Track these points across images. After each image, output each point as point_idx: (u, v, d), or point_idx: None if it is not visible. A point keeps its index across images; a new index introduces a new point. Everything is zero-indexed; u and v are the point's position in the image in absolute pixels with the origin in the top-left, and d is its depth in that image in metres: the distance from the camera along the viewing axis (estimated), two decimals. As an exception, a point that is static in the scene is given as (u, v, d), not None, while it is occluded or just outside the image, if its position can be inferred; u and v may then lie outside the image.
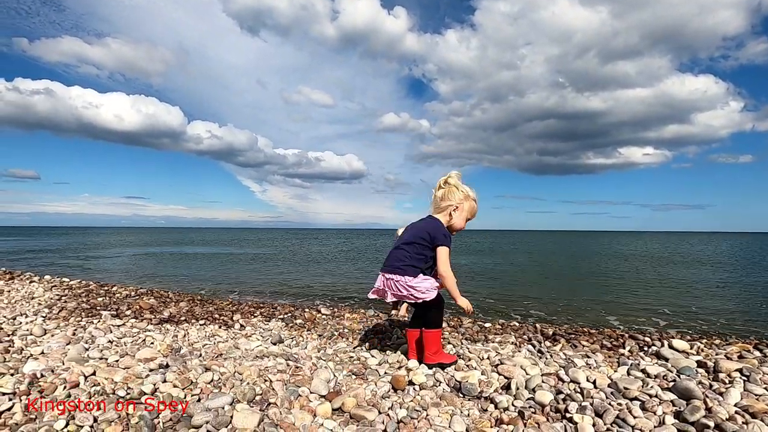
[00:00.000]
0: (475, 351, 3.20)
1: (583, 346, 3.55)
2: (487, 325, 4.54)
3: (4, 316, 4.26)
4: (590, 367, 2.73)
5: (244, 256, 18.61)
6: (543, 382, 2.40)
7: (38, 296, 5.69)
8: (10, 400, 2.11)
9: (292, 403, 2.16)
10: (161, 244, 30.84)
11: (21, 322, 4.03)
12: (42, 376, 2.48)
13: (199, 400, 2.15)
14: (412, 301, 2.73)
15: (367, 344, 3.45)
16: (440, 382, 2.53)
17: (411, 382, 2.49)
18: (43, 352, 3.02)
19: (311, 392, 2.32)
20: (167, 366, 2.70)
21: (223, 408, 2.03)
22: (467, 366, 2.80)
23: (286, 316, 4.83)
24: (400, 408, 2.14)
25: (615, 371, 2.63)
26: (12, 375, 2.47)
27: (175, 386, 2.31)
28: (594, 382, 2.37)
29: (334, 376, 2.64)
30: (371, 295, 2.91)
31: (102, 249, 22.88)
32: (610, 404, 2.05)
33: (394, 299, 2.80)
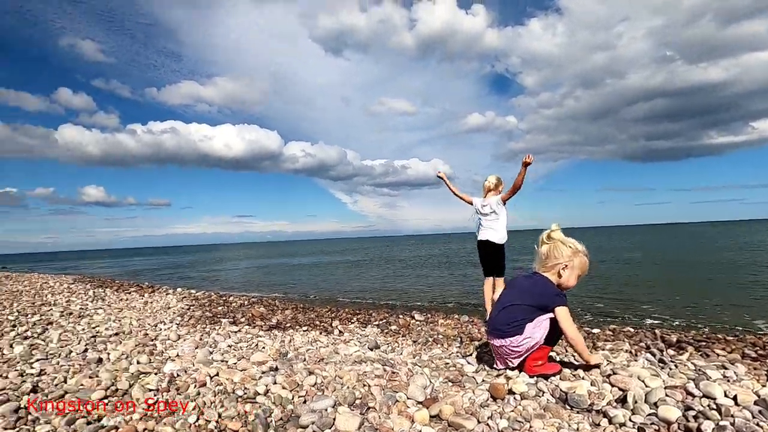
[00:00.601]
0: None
1: (718, 355, 3.05)
2: (595, 331, 4.15)
3: (149, 323, 5.02)
4: (729, 381, 2.33)
5: (340, 265, 19.58)
6: (667, 395, 2.10)
7: (173, 306, 6.61)
8: (155, 395, 2.48)
9: (390, 408, 2.20)
10: (268, 256, 33.83)
11: (161, 329, 4.71)
12: (178, 375, 2.87)
13: (304, 402, 2.30)
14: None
15: (462, 351, 3.38)
16: (543, 392, 2.36)
17: (511, 391, 2.37)
18: (178, 355, 3.50)
19: (408, 398, 2.34)
20: (276, 369, 2.94)
21: (326, 410, 2.15)
22: (573, 376, 2.58)
23: (381, 322, 4.96)
24: (501, 418, 2.05)
25: (763, 386, 2.21)
26: (156, 374, 2.90)
27: (283, 388, 2.51)
28: (735, 398, 2.01)
29: (431, 382, 2.63)
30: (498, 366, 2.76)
31: (220, 264, 25.84)
32: (758, 425, 1.73)
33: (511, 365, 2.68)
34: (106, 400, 2.47)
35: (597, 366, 2.57)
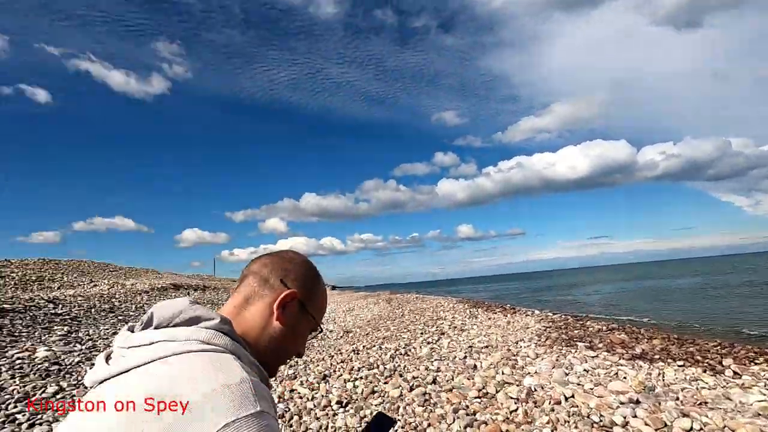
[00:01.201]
0: None
1: None
2: None
3: (511, 340, 5.60)
4: None
5: (734, 288, 14.79)
6: None
7: (531, 327, 7.05)
8: (515, 404, 2.78)
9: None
10: (630, 279, 29.96)
11: (521, 346, 5.16)
12: (535, 390, 3.09)
13: (675, 446, 1.97)
14: None
15: None
16: None
17: None
18: (536, 372, 3.74)
19: None
20: (638, 402, 2.64)
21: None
22: None
23: (812, 368, 3.45)
24: None
25: None
26: (516, 385, 3.24)
27: (646, 424, 2.24)
28: None
29: None
30: None
31: (575, 287, 25.13)
32: None
33: None
34: (477, 400, 3.00)
35: None
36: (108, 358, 0.53)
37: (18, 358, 3.56)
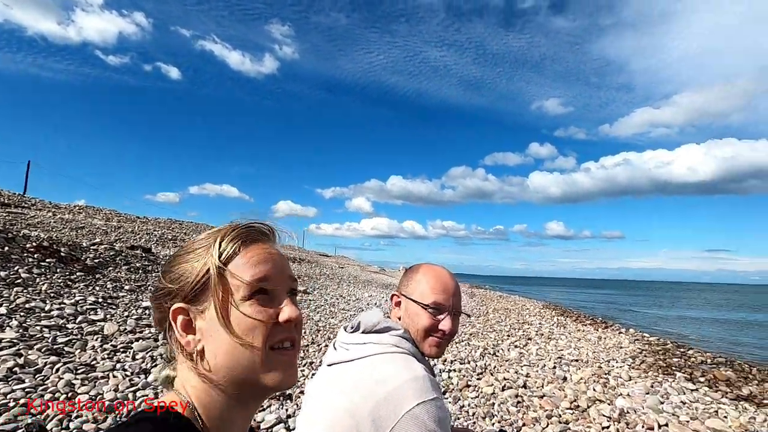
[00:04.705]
0: None
1: None
2: None
3: (602, 358, 5.64)
4: None
5: None
6: None
7: (625, 347, 6.90)
8: (608, 421, 3.04)
9: None
10: (752, 306, 26.16)
11: (613, 366, 5.20)
12: (628, 412, 3.29)
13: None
14: None
15: None
16: None
17: None
18: (628, 394, 3.88)
19: None
20: (736, 443, 2.74)
21: None
22: None
23: None
24: None
25: None
26: (608, 404, 3.47)
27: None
28: None
29: None
30: None
31: (683, 308, 22.74)
32: None
33: None
34: (569, 410, 3.30)
35: None
36: (335, 348, 0.92)
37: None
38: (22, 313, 3.22)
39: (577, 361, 5.32)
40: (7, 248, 4.45)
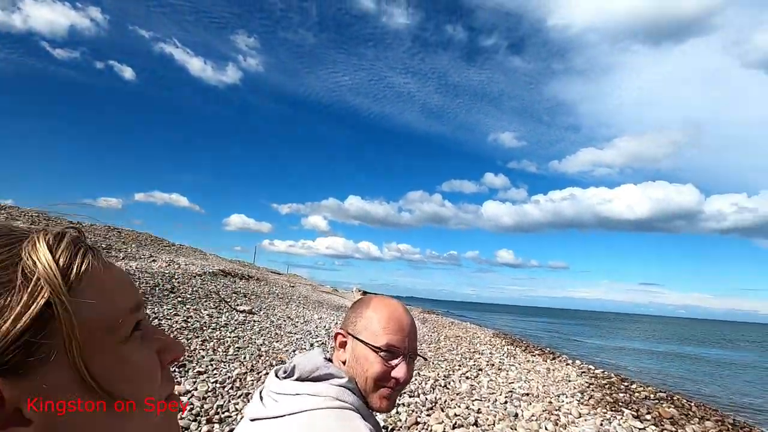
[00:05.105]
0: None
1: None
2: None
3: (552, 392, 5.56)
4: None
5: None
6: None
7: (573, 380, 6.91)
8: (562, 467, 2.85)
9: None
10: (682, 339, 27.97)
11: (563, 401, 5.12)
12: (580, 456, 3.13)
13: None
14: None
15: None
16: None
17: None
18: (579, 434, 3.76)
19: None
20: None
21: None
22: None
23: None
24: None
25: None
26: (561, 446, 3.29)
27: None
28: None
29: None
30: None
31: (621, 338, 23.84)
32: None
33: None
34: (524, 454, 3.09)
35: None
36: (261, 398, 0.71)
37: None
38: None
39: (527, 395, 5.19)
40: None
